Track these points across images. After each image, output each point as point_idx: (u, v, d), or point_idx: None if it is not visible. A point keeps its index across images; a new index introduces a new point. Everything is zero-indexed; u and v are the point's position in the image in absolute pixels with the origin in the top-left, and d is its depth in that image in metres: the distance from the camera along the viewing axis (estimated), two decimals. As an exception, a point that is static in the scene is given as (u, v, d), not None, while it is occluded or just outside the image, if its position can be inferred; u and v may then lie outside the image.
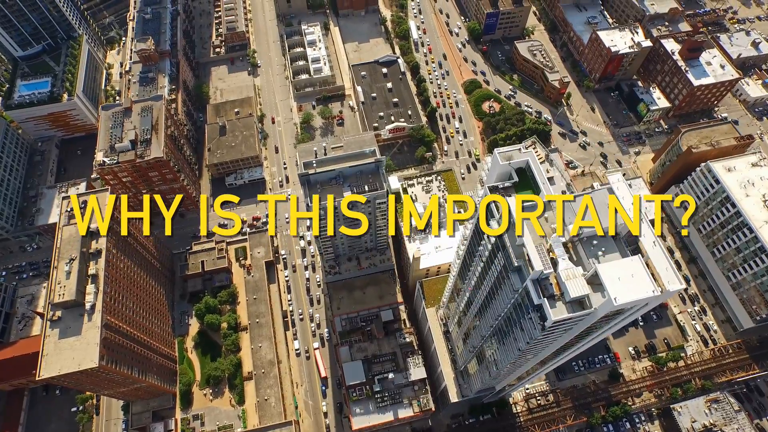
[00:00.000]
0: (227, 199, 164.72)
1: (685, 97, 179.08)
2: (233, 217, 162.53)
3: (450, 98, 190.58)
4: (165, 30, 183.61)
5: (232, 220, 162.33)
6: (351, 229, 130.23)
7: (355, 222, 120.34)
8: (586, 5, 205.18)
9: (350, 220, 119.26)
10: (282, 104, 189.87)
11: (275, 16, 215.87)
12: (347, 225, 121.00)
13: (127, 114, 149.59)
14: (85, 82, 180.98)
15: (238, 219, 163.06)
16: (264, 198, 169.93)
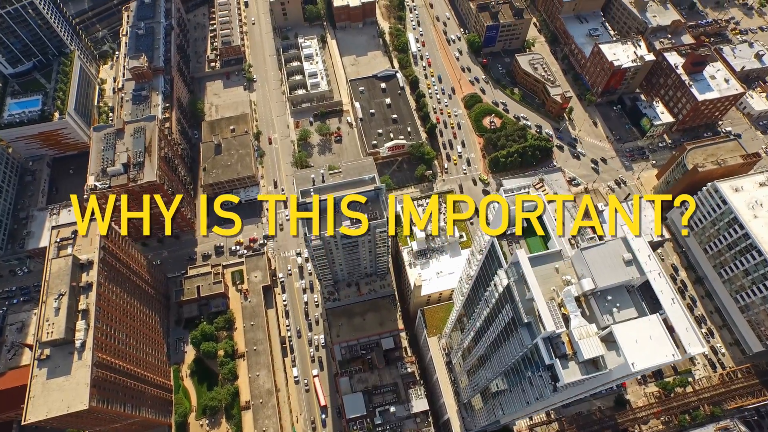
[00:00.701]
0: (227, 199, 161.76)
1: (689, 112, 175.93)
2: (233, 217, 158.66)
3: (451, 117, 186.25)
4: (159, 46, 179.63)
5: (233, 221, 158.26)
6: (352, 229, 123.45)
7: (355, 222, 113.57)
8: (587, 17, 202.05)
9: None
10: (278, 120, 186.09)
11: (271, 29, 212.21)
12: (348, 226, 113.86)
13: (120, 135, 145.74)
14: (77, 99, 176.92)
15: (239, 219, 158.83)
16: (264, 198, 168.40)
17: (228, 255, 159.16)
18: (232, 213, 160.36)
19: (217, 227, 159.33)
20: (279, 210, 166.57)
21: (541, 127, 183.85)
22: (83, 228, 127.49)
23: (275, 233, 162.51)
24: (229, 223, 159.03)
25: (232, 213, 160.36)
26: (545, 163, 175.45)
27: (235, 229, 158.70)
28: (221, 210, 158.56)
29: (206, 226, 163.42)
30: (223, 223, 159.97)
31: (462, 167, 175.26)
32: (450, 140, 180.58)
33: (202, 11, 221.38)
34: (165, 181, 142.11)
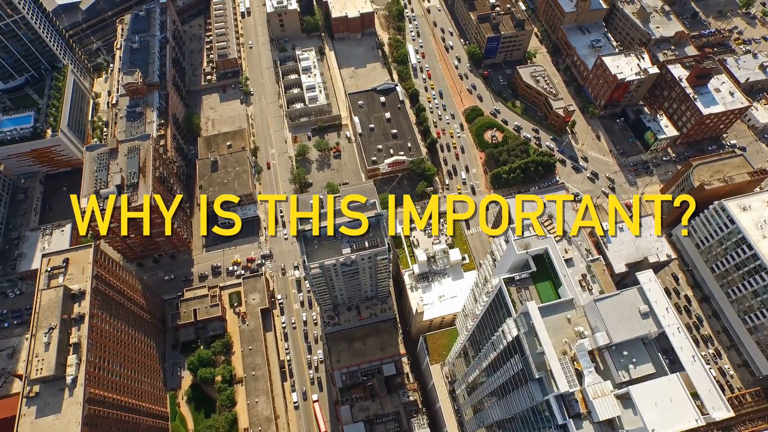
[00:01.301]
0: (228, 199, 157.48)
1: (693, 125, 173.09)
2: (233, 216, 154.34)
3: (453, 137, 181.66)
4: (153, 60, 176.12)
5: (232, 220, 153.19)
6: (352, 230, 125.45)
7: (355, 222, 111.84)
8: (589, 27, 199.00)
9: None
10: (276, 135, 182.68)
11: (269, 40, 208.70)
12: (348, 226, 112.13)
13: (113, 155, 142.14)
14: (70, 115, 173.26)
15: (239, 219, 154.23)
16: (264, 198, 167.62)
17: (225, 275, 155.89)
18: (231, 213, 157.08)
19: (217, 227, 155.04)
20: (278, 229, 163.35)
21: (539, 140, 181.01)
22: (83, 227, 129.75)
23: (275, 233, 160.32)
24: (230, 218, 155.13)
25: (231, 213, 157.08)
26: (548, 178, 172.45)
27: (235, 229, 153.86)
28: (221, 210, 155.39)
29: (203, 246, 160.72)
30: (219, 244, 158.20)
31: (463, 182, 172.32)
32: (450, 156, 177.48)
33: (198, 22, 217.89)
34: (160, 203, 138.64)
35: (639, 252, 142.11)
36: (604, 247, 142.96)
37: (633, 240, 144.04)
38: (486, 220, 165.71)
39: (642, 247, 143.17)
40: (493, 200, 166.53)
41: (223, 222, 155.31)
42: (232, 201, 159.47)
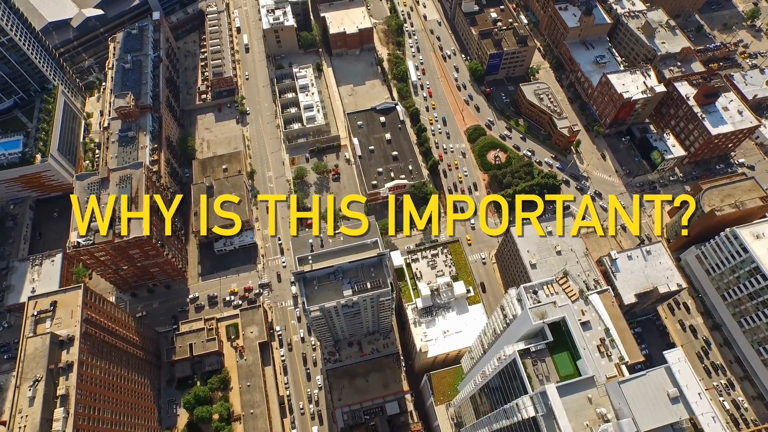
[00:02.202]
0: (227, 199, 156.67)
1: (701, 145, 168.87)
2: (232, 215, 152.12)
3: (457, 165, 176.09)
4: (146, 80, 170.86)
5: (232, 220, 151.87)
6: (352, 230, 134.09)
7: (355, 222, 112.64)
8: (593, 42, 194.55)
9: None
10: (273, 157, 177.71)
11: (265, 57, 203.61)
12: (349, 225, 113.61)
13: (104, 185, 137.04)
14: (60, 138, 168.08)
15: (239, 219, 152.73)
16: (264, 198, 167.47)
17: (222, 306, 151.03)
18: (232, 213, 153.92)
19: (217, 228, 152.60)
20: (275, 256, 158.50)
21: (539, 159, 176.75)
22: (83, 227, 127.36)
23: (275, 233, 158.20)
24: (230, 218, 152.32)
25: (232, 213, 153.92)
26: (553, 201, 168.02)
27: (235, 230, 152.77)
28: (221, 210, 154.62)
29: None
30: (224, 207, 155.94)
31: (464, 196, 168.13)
32: (452, 175, 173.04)
33: (192, 38, 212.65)
34: (153, 234, 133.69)
35: (648, 281, 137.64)
36: (613, 277, 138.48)
37: (642, 268, 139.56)
38: (486, 222, 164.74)
39: (651, 275, 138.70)
40: (492, 200, 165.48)
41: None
42: (233, 201, 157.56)
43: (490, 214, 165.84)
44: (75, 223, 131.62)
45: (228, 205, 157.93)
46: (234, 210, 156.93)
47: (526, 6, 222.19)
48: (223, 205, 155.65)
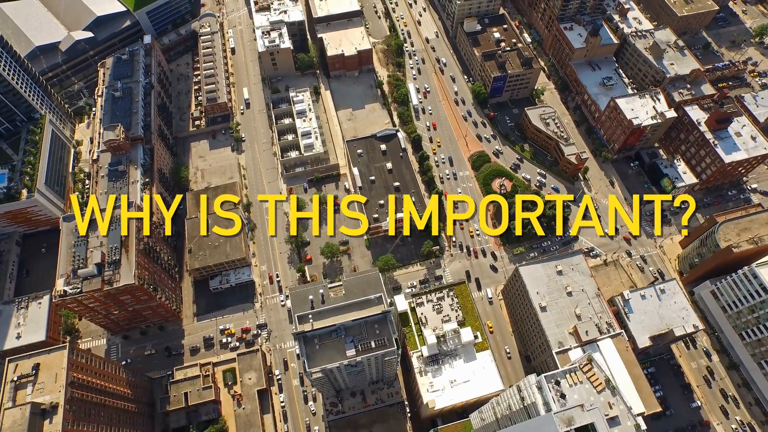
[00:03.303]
0: (227, 199, 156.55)
1: (714, 173, 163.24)
2: (233, 216, 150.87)
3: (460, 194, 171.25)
4: (137, 109, 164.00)
5: (233, 221, 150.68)
6: (351, 229, 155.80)
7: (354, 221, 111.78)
8: (600, 63, 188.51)
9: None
10: (270, 187, 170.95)
11: (260, 79, 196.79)
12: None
13: (93, 227, 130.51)
14: (48, 170, 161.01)
15: (239, 219, 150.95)
16: (264, 198, 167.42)
17: (218, 348, 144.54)
18: (232, 213, 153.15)
19: (217, 227, 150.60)
20: (273, 294, 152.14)
21: (557, 189, 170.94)
22: (83, 228, 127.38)
23: (275, 233, 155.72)
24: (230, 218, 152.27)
25: (232, 213, 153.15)
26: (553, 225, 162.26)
27: (235, 229, 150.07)
28: (221, 210, 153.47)
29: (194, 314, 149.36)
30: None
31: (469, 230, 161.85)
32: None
33: (185, 60, 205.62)
34: (145, 280, 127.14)
35: (663, 322, 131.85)
36: (626, 318, 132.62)
37: (656, 308, 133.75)
38: (485, 223, 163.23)
39: (666, 316, 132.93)
40: (492, 200, 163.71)
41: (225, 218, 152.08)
42: (233, 201, 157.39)
43: (495, 247, 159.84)
44: (62, 268, 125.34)
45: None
46: (230, 247, 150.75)
47: (530, 24, 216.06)
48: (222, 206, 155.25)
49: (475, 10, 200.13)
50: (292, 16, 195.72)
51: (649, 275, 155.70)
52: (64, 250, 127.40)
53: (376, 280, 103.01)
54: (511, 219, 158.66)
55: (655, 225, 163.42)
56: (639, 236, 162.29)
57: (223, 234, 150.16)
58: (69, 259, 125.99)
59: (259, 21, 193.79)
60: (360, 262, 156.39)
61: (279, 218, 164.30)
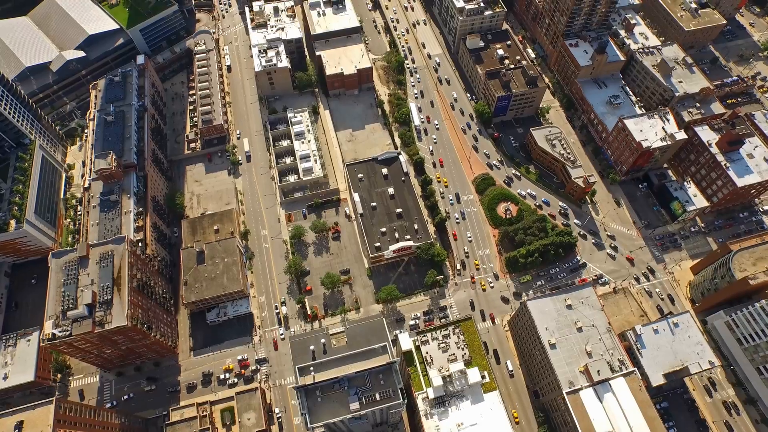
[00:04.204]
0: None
1: (726, 196, 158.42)
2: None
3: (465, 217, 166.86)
4: (130, 134, 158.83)
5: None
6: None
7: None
8: (606, 80, 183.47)
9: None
10: (268, 213, 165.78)
11: (257, 99, 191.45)
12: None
13: (83, 264, 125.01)
14: (38, 198, 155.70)
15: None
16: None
17: (216, 384, 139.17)
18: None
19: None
20: (273, 327, 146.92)
21: (564, 213, 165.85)
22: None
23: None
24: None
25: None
26: (568, 258, 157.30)
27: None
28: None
29: (190, 349, 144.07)
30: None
31: (474, 262, 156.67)
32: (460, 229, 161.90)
33: (180, 79, 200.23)
34: (138, 320, 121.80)
35: (677, 358, 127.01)
36: (638, 354, 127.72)
37: (670, 342, 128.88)
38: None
39: (680, 351, 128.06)
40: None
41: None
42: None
43: (501, 275, 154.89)
44: (50, 309, 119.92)
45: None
46: (227, 279, 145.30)
47: (533, 38, 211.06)
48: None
49: (478, 26, 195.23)
50: (290, 34, 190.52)
51: (659, 303, 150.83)
52: (53, 289, 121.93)
53: (380, 328, 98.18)
54: (518, 246, 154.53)
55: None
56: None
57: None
58: (58, 298, 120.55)
59: (256, 39, 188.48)
60: (362, 293, 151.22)
61: (277, 246, 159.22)
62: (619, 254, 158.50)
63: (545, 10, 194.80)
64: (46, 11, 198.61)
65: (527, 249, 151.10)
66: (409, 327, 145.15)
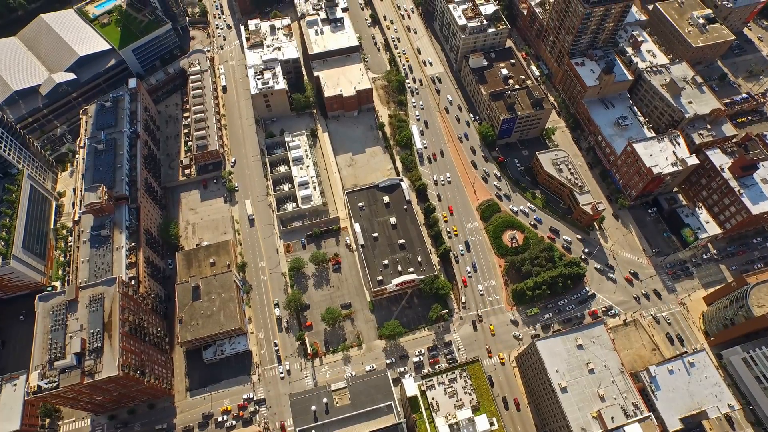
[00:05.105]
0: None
1: (740, 223, 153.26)
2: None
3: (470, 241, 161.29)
4: (121, 164, 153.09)
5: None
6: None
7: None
8: (613, 100, 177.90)
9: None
10: (266, 243, 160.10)
11: (254, 121, 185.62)
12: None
13: (72, 308, 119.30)
14: (26, 231, 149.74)
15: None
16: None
17: (214, 427, 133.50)
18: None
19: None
20: (272, 365, 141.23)
21: (569, 241, 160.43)
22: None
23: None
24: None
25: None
26: (577, 289, 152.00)
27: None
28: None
29: (186, 389, 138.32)
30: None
31: (479, 294, 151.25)
32: (465, 261, 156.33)
33: (174, 100, 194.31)
34: (131, 367, 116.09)
35: (694, 400, 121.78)
36: (653, 396, 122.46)
37: (686, 384, 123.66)
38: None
39: (697, 393, 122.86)
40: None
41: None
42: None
43: (507, 308, 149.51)
44: (36, 358, 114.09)
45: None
46: (224, 317, 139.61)
47: (538, 56, 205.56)
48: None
49: (481, 43, 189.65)
50: (287, 53, 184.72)
51: (672, 337, 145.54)
52: (40, 335, 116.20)
53: (385, 385, 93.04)
54: (524, 277, 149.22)
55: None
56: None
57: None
58: (45, 346, 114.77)
59: (252, 59, 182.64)
60: (364, 328, 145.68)
61: (276, 280, 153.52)
62: (633, 288, 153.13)
63: (550, 27, 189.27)
64: (35, 32, 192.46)
65: (534, 281, 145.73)
66: (413, 365, 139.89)
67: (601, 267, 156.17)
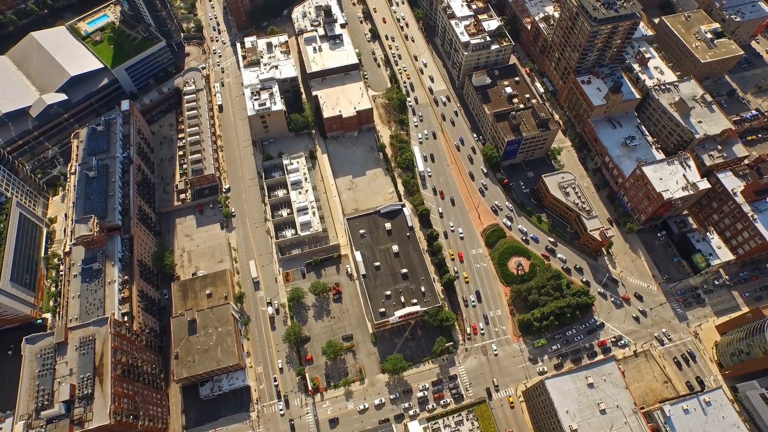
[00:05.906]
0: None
1: (753, 249, 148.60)
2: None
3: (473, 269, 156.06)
4: (114, 191, 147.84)
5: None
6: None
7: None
8: (620, 119, 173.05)
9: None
10: (264, 272, 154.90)
11: (251, 143, 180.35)
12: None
13: (61, 351, 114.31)
14: (15, 262, 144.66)
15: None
16: None
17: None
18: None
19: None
20: (272, 401, 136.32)
21: (580, 269, 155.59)
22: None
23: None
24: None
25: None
26: (585, 319, 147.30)
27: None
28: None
29: (183, 428, 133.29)
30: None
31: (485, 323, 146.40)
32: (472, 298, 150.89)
33: (169, 120, 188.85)
34: (123, 413, 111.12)
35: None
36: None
37: (702, 425, 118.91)
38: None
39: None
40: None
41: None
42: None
43: (513, 339, 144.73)
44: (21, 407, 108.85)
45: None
46: (221, 352, 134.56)
47: (542, 72, 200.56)
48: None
49: (484, 60, 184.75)
50: (284, 72, 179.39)
51: (685, 370, 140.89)
52: (26, 381, 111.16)
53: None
54: (531, 307, 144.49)
55: None
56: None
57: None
58: (31, 393, 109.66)
59: (248, 78, 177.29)
60: (366, 361, 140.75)
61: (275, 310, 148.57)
62: (646, 318, 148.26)
63: (555, 44, 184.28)
64: (26, 50, 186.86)
65: (542, 311, 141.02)
66: (418, 400, 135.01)
67: (609, 294, 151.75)
